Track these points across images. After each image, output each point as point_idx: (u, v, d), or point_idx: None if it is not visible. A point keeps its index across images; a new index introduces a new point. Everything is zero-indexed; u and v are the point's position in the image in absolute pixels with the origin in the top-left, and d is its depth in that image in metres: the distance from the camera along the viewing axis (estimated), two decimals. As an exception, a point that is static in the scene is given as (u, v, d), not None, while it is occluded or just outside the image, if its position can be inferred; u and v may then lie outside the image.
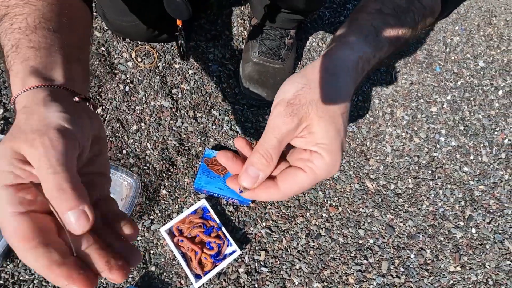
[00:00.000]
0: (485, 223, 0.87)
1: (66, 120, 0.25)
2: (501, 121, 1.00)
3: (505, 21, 1.17)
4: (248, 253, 0.74)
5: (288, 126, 0.27)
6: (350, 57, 0.29)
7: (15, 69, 0.28)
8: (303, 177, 0.27)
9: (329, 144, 0.27)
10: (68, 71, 0.30)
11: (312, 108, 0.27)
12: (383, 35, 0.30)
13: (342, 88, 0.28)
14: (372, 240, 0.80)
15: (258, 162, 0.27)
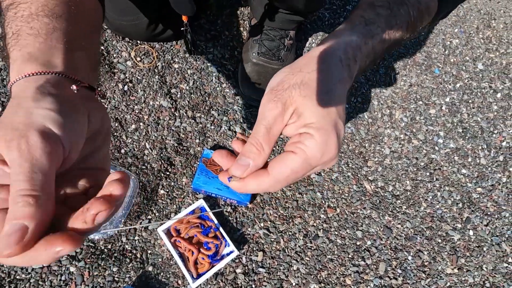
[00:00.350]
0: (483, 225, 0.87)
1: (53, 121, 0.22)
2: (500, 124, 1.00)
3: (504, 24, 1.17)
4: (246, 253, 0.74)
5: (273, 112, 0.26)
6: (337, 44, 0.29)
7: (13, 56, 0.27)
8: (293, 159, 0.25)
9: (317, 122, 0.25)
10: (70, 59, 0.28)
11: (295, 90, 0.26)
12: (374, 24, 0.30)
13: (329, 70, 0.27)
14: (369, 242, 0.80)
15: (248, 151, 0.26)
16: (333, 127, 0.26)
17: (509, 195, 0.91)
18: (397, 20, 0.30)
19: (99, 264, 0.67)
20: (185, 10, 0.63)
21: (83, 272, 0.66)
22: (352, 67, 0.29)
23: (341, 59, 0.28)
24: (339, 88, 0.27)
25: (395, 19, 0.30)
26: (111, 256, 0.68)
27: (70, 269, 0.66)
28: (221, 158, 0.29)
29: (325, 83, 0.27)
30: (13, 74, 0.26)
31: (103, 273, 0.67)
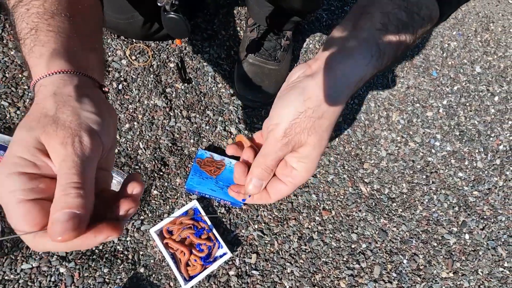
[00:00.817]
0: (479, 229, 0.86)
1: (97, 123, 0.25)
2: (497, 127, 1.00)
3: (502, 27, 1.17)
4: (239, 255, 0.73)
5: (284, 151, 0.32)
6: (354, 76, 0.30)
7: (37, 51, 0.27)
8: (286, 189, 0.34)
9: (309, 162, 0.32)
10: (87, 59, 0.30)
11: (304, 136, 0.30)
12: (385, 56, 0.30)
13: (336, 113, 0.31)
14: (364, 245, 0.79)
15: (260, 175, 0.33)
16: (317, 161, 0.32)
17: (505, 199, 0.91)
18: (403, 46, 0.31)
19: (89, 265, 0.66)
20: (180, 33, 0.59)
21: (73, 273, 0.65)
22: (351, 95, 0.31)
23: (348, 94, 0.30)
24: (333, 127, 0.32)
25: (401, 46, 0.31)
26: (102, 257, 0.67)
27: (60, 269, 0.65)
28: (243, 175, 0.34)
29: (329, 130, 0.31)
30: (38, 69, 0.27)
31: (94, 274, 0.66)
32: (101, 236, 0.23)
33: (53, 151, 0.23)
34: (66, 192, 0.22)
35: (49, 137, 0.23)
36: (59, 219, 0.21)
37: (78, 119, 0.24)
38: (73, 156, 0.23)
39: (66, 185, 0.22)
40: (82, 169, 0.23)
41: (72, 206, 0.22)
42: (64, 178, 0.22)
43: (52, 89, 0.25)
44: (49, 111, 0.24)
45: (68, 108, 0.25)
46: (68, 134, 0.23)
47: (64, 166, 0.23)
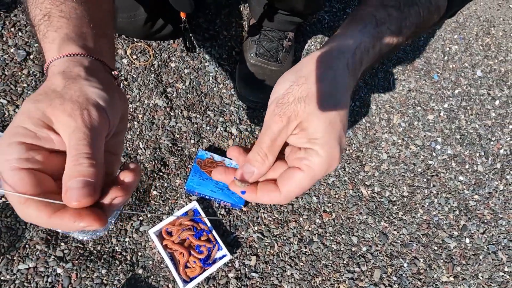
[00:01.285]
0: (479, 233, 0.86)
1: (104, 100, 0.26)
2: (497, 131, 1.00)
3: (503, 31, 1.17)
4: (239, 257, 0.72)
5: (278, 125, 0.27)
6: (346, 46, 0.28)
7: (50, 36, 0.28)
8: (301, 177, 0.27)
9: (321, 138, 0.26)
10: (98, 44, 0.30)
11: (300, 105, 0.27)
12: (384, 25, 0.28)
13: (337, 77, 0.27)
14: (365, 248, 0.79)
15: (253, 159, 0.28)
16: (337, 141, 0.26)
17: (506, 203, 0.91)
18: (407, 22, 0.29)
19: (87, 266, 0.65)
20: (184, 6, 0.62)
21: (71, 274, 0.64)
22: (357, 70, 0.28)
23: (348, 63, 0.27)
24: (344, 97, 0.27)
25: (405, 21, 0.29)
26: (100, 258, 0.66)
27: (57, 270, 0.64)
28: (238, 155, 0.30)
29: (331, 95, 0.27)
30: (50, 53, 0.28)
31: (91, 275, 0.65)
32: (81, 223, 0.22)
33: (61, 123, 0.23)
34: (78, 162, 0.22)
35: (56, 109, 0.23)
36: (73, 186, 0.22)
37: (85, 94, 0.25)
38: (83, 128, 0.23)
39: (78, 155, 0.23)
40: (92, 141, 0.23)
41: (86, 174, 0.22)
42: (75, 148, 0.23)
43: (62, 68, 0.26)
44: (57, 86, 0.25)
45: (76, 85, 0.25)
46: (76, 107, 0.24)
47: (74, 137, 0.23)
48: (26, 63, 0.76)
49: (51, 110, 0.24)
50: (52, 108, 0.24)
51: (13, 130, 0.23)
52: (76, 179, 0.22)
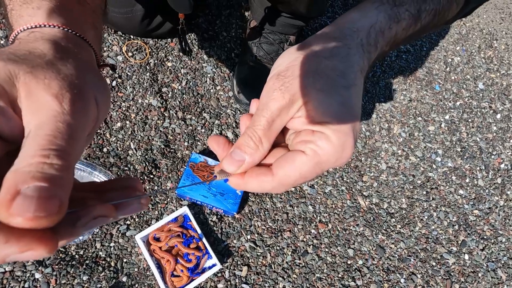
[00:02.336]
0: (479, 249, 0.83)
1: (100, 92, 0.20)
2: (498, 145, 0.98)
3: (505, 45, 1.16)
4: (229, 267, 0.69)
5: (278, 103, 0.22)
6: (361, 24, 0.24)
7: (35, 2, 0.23)
8: (303, 160, 0.21)
9: (333, 121, 0.21)
10: (89, 33, 0.26)
11: (308, 80, 0.22)
12: (403, 6, 0.25)
13: (350, 56, 0.23)
14: (361, 261, 0.76)
15: (244, 144, 0.22)
16: (351, 129, 0.21)
17: (506, 219, 0.88)
18: (427, 5, 0.26)
19: (68, 271, 0.61)
20: (183, 7, 0.60)
21: (50, 280, 0.60)
22: (372, 53, 0.24)
23: (362, 43, 0.24)
24: (359, 80, 0.23)
25: (425, 4, 0.26)
26: (82, 263, 0.63)
27: (36, 275, 0.60)
28: (217, 146, 0.25)
29: (346, 74, 0.22)
30: (36, 18, 0.22)
31: (72, 281, 0.61)
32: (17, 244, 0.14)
33: (34, 101, 0.16)
34: (48, 160, 0.15)
35: (36, 81, 0.17)
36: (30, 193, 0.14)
37: (83, 77, 0.19)
38: (68, 117, 0.17)
39: (48, 149, 0.15)
40: (74, 137, 0.17)
41: (51, 179, 0.14)
42: (47, 139, 0.15)
43: (51, 38, 0.20)
44: (43, 53, 0.19)
45: (70, 62, 0.19)
46: (68, 89, 0.17)
47: (51, 124, 0.16)
48: (16, 55, 0.73)
49: (27, 79, 0.17)
50: (31, 77, 0.17)
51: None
52: (37, 185, 0.14)
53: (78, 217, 0.16)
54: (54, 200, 0.14)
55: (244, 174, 0.23)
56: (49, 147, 0.15)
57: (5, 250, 0.13)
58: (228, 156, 0.23)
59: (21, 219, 0.13)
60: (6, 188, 0.14)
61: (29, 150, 0.15)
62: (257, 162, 0.23)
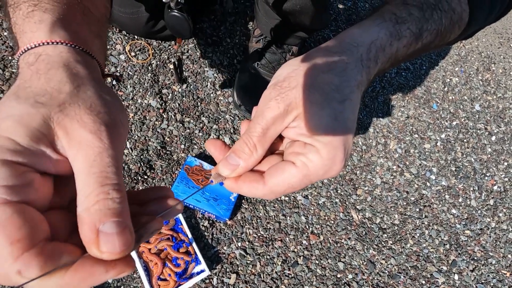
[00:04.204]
0: (469, 270, 0.83)
1: (122, 113, 0.21)
2: (492, 167, 0.99)
3: (503, 69, 1.19)
4: (218, 274, 0.68)
5: (273, 112, 0.23)
6: (361, 40, 0.24)
7: (38, 16, 0.22)
8: (293, 173, 0.22)
9: (324, 135, 0.22)
10: (93, 43, 0.26)
11: (304, 93, 0.22)
12: (404, 24, 0.26)
13: (347, 70, 0.23)
14: (351, 275, 0.75)
15: (239, 150, 0.24)
16: (342, 143, 0.22)
17: (496, 241, 0.89)
18: (429, 25, 0.26)
19: (53, 269, 0.60)
20: (182, 33, 0.58)
21: (34, 276, 0.59)
22: (371, 69, 0.25)
23: (362, 58, 0.24)
24: (355, 95, 0.23)
25: (427, 24, 0.26)
26: (68, 261, 0.61)
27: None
28: (214, 149, 0.26)
29: (341, 88, 0.23)
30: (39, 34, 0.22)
31: (56, 279, 0.60)
32: (114, 271, 0.16)
33: (75, 140, 0.18)
34: (109, 196, 0.17)
35: (69, 120, 0.18)
36: (110, 231, 0.16)
37: (105, 104, 0.20)
38: (110, 150, 0.18)
39: (107, 187, 0.17)
40: (119, 166, 0.18)
41: (119, 213, 0.17)
42: (102, 176, 0.17)
43: (61, 60, 0.20)
44: (63, 86, 0.19)
45: (89, 88, 0.20)
46: (100, 121, 0.18)
47: (101, 163, 0.17)
48: (18, 48, 0.73)
49: (60, 118, 0.18)
50: (63, 116, 0.18)
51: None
52: (112, 222, 0.16)
53: (141, 235, 0.19)
54: (127, 231, 0.17)
55: (238, 178, 0.24)
56: (106, 182, 0.17)
57: (106, 277, 0.17)
58: (223, 160, 0.24)
59: (111, 254, 0.16)
60: (88, 228, 0.16)
61: (89, 188, 0.17)
62: (250, 167, 0.24)
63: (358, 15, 1.08)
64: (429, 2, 0.27)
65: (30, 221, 0.16)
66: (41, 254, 0.15)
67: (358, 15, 1.08)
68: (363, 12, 1.10)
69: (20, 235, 0.15)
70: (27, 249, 0.15)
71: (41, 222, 0.17)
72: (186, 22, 0.54)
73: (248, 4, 0.96)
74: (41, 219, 0.17)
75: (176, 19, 0.54)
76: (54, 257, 0.16)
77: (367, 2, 1.13)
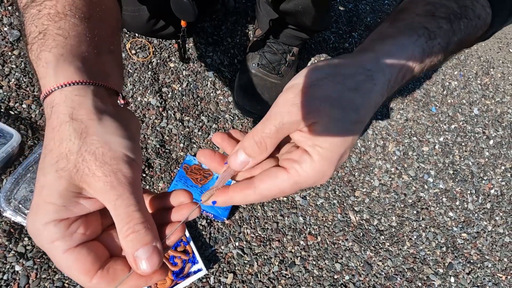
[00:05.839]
0: (465, 273, 0.84)
1: (130, 149, 0.24)
2: (490, 171, 1.00)
3: (501, 73, 1.19)
4: (215, 273, 0.68)
5: (292, 118, 0.23)
6: (396, 57, 0.24)
7: (43, 58, 0.24)
8: (284, 178, 0.24)
9: (327, 150, 0.23)
10: (101, 64, 0.27)
11: (326, 106, 0.23)
12: (436, 40, 0.25)
13: (372, 93, 0.24)
14: (348, 277, 0.75)
15: (249, 148, 0.25)
16: (338, 158, 0.24)
17: (493, 244, 0.89)
18: (455, 37, 0.26)
19: (49, 266, 0.60)
20: (187, 15, 0.61)
21: (30, 273, 0.59)
22: (395, 88, 0.25)
23: (390, 79, 0.24)
24: (367, 116, 0.24)
25: (454, 37, 0.26)
26: (65, 259, 0.61)
27: (16, 267, 0.58)
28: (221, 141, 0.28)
29: (359, 110, 0.24)
30: (48, 80, 0.24)
31: (53, 277, 0.60)
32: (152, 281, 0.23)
33: (97, 190, 0.22)
34: (135, 230, 0.22)
35: (86, 177, 0.22)
36: (142, 256, 0.22)
37: (110, 149, 0.23)
38: (126, 194, 0.22)
39: (131, 223, 0.22)
40: (138, 202, 0.22)
41: (148, 241, 0.22)
42: (127, 216, 0.22)
43: (67, 111, 0.23)
44: (72, 144, 0.22)
45: (94, 138, 0.22)
46: (109, 171, 0.22)
47: (121, 205, 0.22)
48: (18, 43, 0.72)
49: (79, 177, 0.22)
50: (80, 176, 0.22)
51: (42, 209, 0.21)
52: (142, 249, 0.22)
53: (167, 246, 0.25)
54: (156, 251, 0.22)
55: (227, 191, 0.26)
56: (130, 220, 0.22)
57: (146, 284, 0.23)
58: (234, 156, 0.26)
59: (147, 271, 0.22)
60: (127, 255, 0.22)
61: (119, 225, 0.22)
62: (258, 163, 0.26)
63: (359, 17, 1.09)
64: (456, 12, 0.26)
65: (89, 255, 0.22)
66: (102, 277, 0.22)
67: (359, 17, 1.09)
68: (363, 14, 1.10)
69: (87, 267, 0.22)
70: (94, 274, 0.22)
71: (98, 249, 0.23)
72: (190, 6, 0.55)
73: (250, 4, 0.96)
74: (97, 247, 0.23)
75: (181, 3, 0.56)
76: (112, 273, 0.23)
77: (368, 4, 1.13)
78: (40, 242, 0.22)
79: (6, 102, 0.67)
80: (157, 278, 0.23)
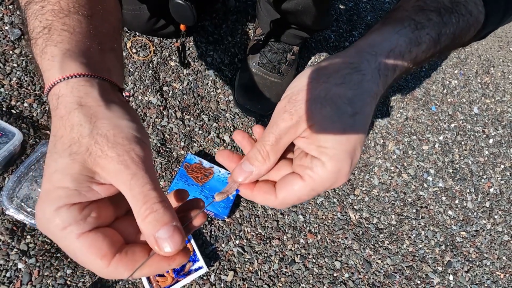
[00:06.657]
0: (463, 271, 0.84)
1: (137, 131, 0.23)
2: (489, 170, 1.00)
3: (502, 72, 1.19)
4: (216, 271, 0.68)
5: (286, 124, 0.24)
6: (380, 48, 0.25)
7: (49, 52, 0.24)
8: (301, 186, 0.24)
9: (332, 148, 0.23)
10: (105, 61, 0.27)
11: (316, 106, 0.23)
12: (424, 30, 0.25)
13: (363, 83, 0.24)
14: (347, 274, 0.76)
15: (253, 158, 0.25)
16: (348, 155, 0.23)
17: (492, 243, 0.90)
18: (447, 29, 0.27)
19: (52, 263, 0.61)
20: (186, 19, 0.60)
21: (32, 270, 0.59)
22: (389, 77, 0.25)
23: (379, 68, 0.24)
24: (368, 106, 0.24)
25: (445, 28, 0.26)
26: (67, 256, 0.62)
27: (18, 265, 0.59)
28: (241, 139, 0.28)
29: (354, 102, 0.23)
30: (52, 73, 0.24)
31: (55, 274, 0.60)
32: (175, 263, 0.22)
33: (111, 172, 0.21)
34: (154, 209, 0.21)
35: (99, 159, 0.21)
36: (163, 236, 0.21)
37: (121, 131, 0.22)
38: (140, 172, 0.21)
39: (149, 202, 0.21)
40: (153, 181, 0.22)
41: (167, 220, 0.21)
42: (144, 196, 0.21)
43: (75, 99, 0.23)
44: (83, 129, 0.22)
45: (103, 121, 0.22)
46: (122, 151, 0.21)
47: (136, 184, 0.21)
48: (19, 42, 0.73)
49: (92, 160, 0.21)
50: (94, 158, 0.21)
51: (52, 194, 0.21)
52: (163, 229, 0.21)
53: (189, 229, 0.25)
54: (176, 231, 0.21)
55: (253, 188, 0.26)
56: (147, 200, 0.21)
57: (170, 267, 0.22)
58: (238, 167, 0.26)
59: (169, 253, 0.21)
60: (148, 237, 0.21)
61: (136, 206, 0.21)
62: (264, 173, 0.26)
63: (359, 16, 1.09)
64: (446, 6, 0.27)
65: (105, 239, 0.21)
66: (121, 259, 0.21)
67: (359, 16, 1.09)
68: (364, 13, 1.10)
69: (103, 251, 0.21)
70: (112, 258, 0.21)
71: (113, 235, 0.22)
72: (189, 10, 0.55)
73: (250, 3, 0.96)
74: (112, 233, 0.22)
75: (180, 7, 0.55)
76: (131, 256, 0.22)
77: (368, 3, 1.13)
78: (50, 230, 0.21)
79: (8, 101, 0.68)
80: (180, 260, 0.22)
